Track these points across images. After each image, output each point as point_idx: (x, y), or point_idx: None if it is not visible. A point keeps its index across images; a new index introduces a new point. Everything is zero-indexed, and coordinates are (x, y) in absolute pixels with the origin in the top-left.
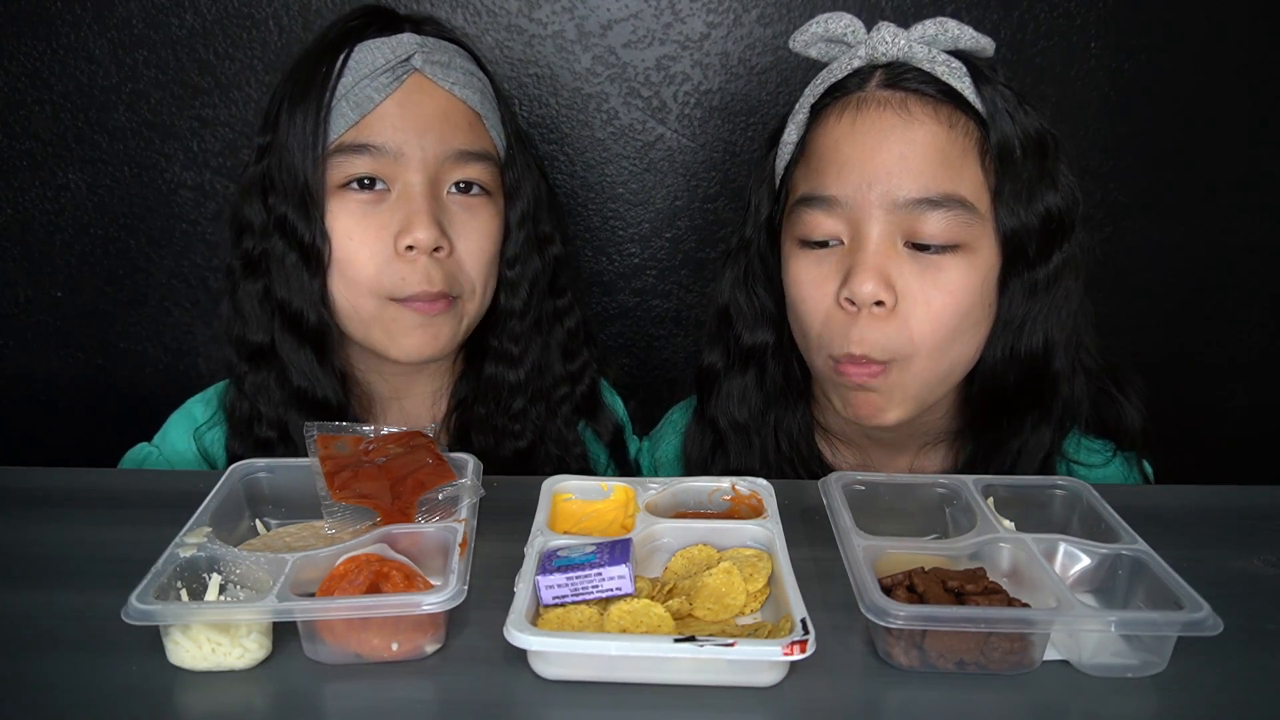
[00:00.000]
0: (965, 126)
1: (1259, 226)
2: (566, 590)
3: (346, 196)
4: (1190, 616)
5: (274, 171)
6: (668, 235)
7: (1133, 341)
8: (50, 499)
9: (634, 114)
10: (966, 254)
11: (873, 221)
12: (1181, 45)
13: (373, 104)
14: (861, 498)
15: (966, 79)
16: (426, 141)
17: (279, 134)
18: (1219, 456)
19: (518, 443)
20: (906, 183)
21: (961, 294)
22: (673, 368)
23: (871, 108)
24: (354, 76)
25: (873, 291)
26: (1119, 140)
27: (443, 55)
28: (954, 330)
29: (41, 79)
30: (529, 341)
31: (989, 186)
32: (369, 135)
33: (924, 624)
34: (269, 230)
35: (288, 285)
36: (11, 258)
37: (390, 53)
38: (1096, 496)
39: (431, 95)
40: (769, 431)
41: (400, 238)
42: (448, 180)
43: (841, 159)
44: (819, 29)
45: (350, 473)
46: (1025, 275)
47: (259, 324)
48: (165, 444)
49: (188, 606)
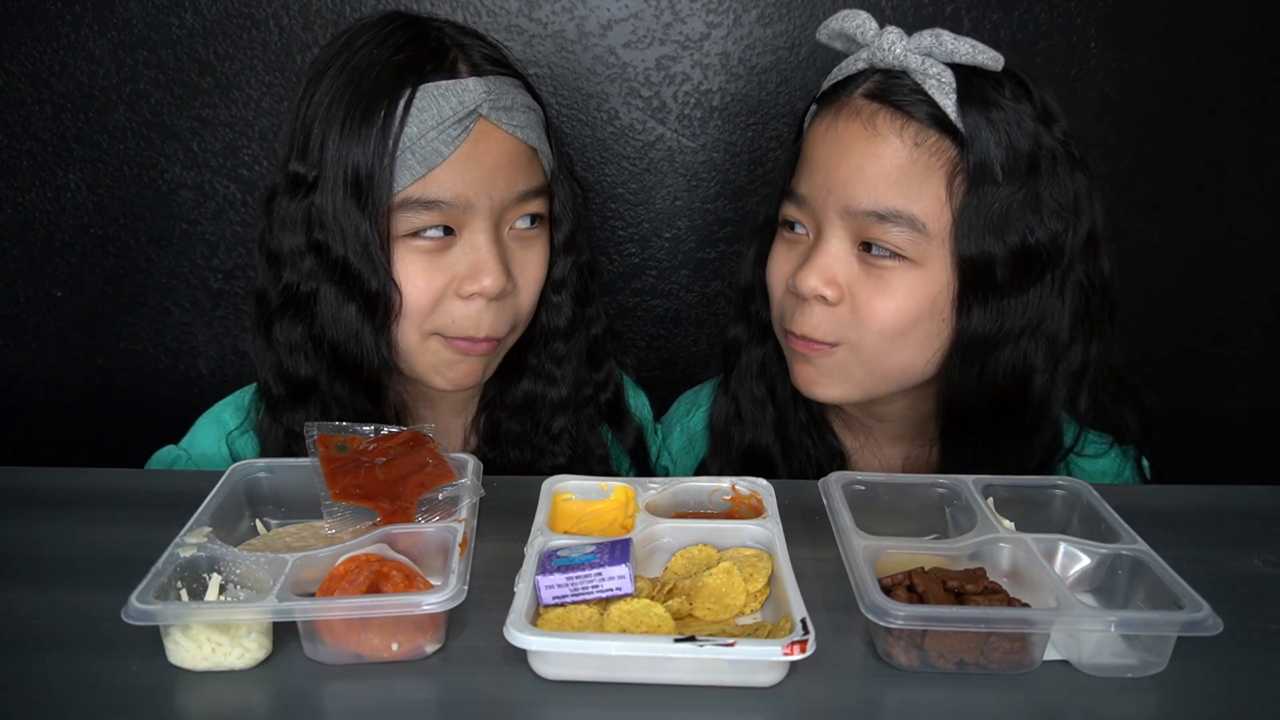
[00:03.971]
0: (935, 146)
1: (1259, 226)
2: (566, 590)
3: (412, 245)
4: (1190, 616)
5: (324, 213)
6: (668, 235)
7: (1133, 341)
8: (50, 499)
9: (634, 114)
10: (915, 268)
11: (829, 224)
12: (1181, 45)
13: (441, 157)
14: (861, 498)
15: (952, 96)
16: (494, 190)
17: (328, 173)
18: (1219, 456)
19: (556, 460)
20: (860, 194)
21: (906, 304)
22: (672, 367)
23: (845, 116)
24: (418, 127)
25: (814, 287)
26: (1119, 140)
27: (506, 99)
28: (898, 335)
29: (41, 79)
30: (570, 360)
31: (953, 208)
32: (437, 190)
33: (924, 624)
34: (318, 271)
35: (342, 328)
36: (11, 258)
37: (458, 102)
38: (1096, 496)
39: (498, 142)
40: (786, 401)
41: (466, 284)
42: (509, 222)
43: (814, 160)
44: (836, 25)
45: (350, 473)
46: (991, 301)
47: (305, 361)
48: (194, 448)
49: (188, 606)
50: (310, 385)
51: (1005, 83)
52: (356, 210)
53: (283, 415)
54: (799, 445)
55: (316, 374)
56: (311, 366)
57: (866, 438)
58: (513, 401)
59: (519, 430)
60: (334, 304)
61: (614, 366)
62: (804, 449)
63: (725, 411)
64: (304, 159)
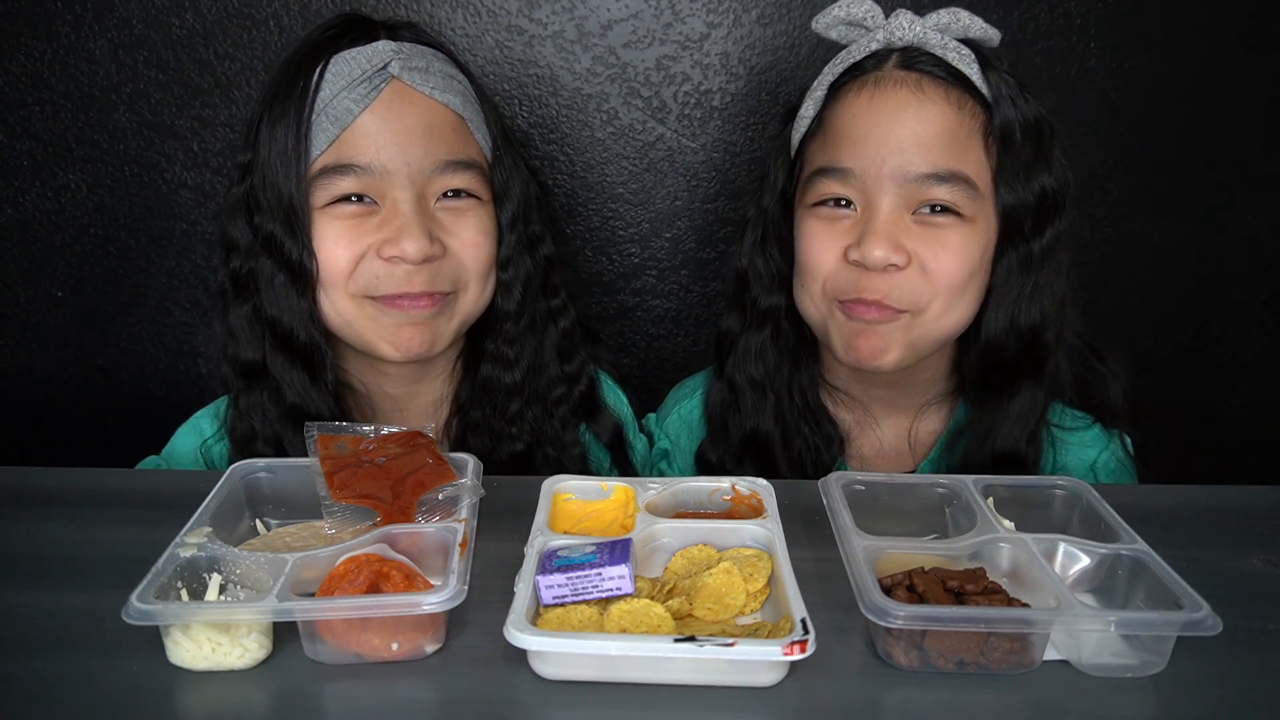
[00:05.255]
0: (972, 109)
1: (1259, 226)
2: (566, 590)
3: (333, 213)
4: (1190, 616)
5: (258, 190)
6: (668, 235)
7: (1133, 341)
8: (50, 499)
9: (634, 114)
10: (968, 224)
11: (884, 193)
12: (1181, 45)
13: (352, 116)
14: (861, 498)
15: (975, 65)
16: (411, 155)
17: (260, 152)
18: (1219, 456)
19: (514, 445)
20: (917, 158)
21: (965, 257)
22: (672, 368)
23: (888, 86)
24: (331, 89)
25: (883, 256)
26: (1119, 140)
27: (420, 60)
28: (960, 291)
29: (41, 79)
30: (523, 343)
31: (990, 166)
32: (352, 154)
33: (924, 624)
34: (256, 249)
35: (277, 304)
36: (11, 258)
37: (366, 62)
38: (1096, 496)
39: (412, 103)
40: (782, 386)
41: (387, 247)
42: (435, 192)
43: (858, 133)
44: (840, 12)
45: (350, 473)
46: (1021, 249)
47: (250, 343)
48: (172, 457)
49: (188, 606)
50: (257, 368)
51: (1003, 57)
52: (279, 182)
53: (240, 402)
54: (797, 430)
55: (263, 354)
56: (258, 348)
57: (864, 413)
58: (475, 388)
59: (478, 417)
60: (269, 279)
61: (586, 360)
62: (802, 433)
63: (721, 399)
64: (246, 148)
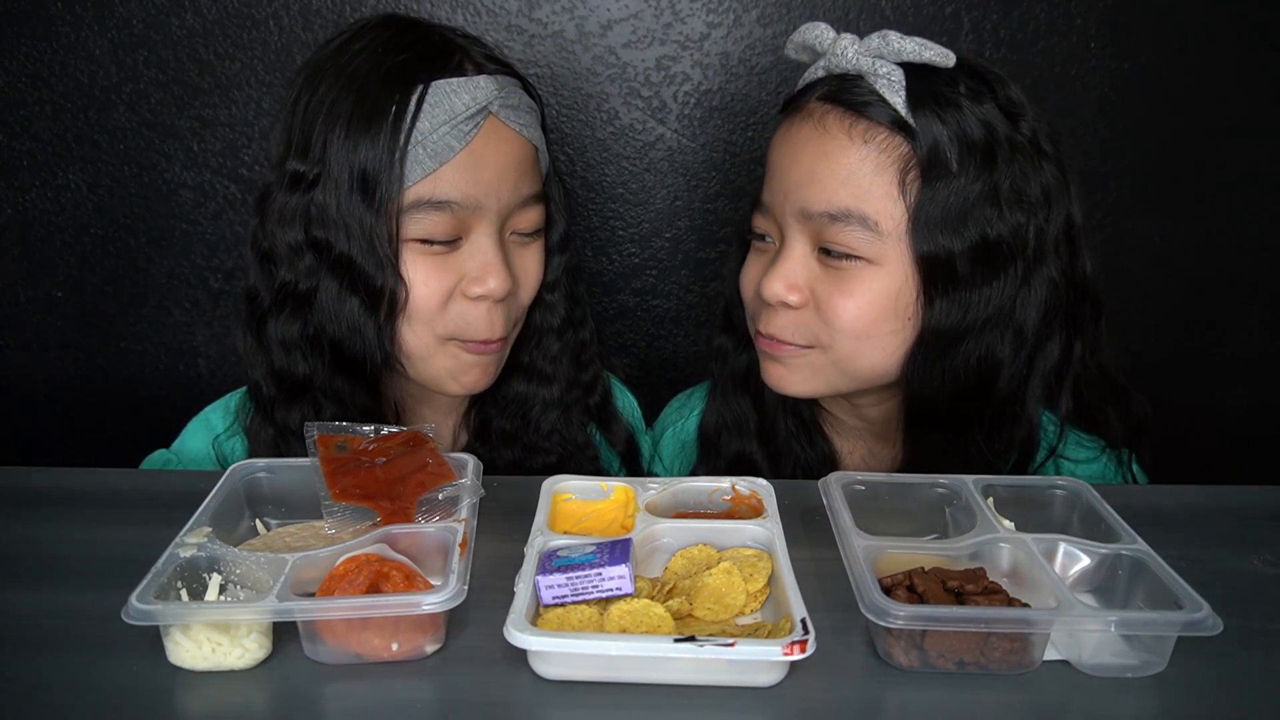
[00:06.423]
0: (885, 142)
1: (1259, 226)
2: (566, 590)
3: (422, 248)
4: (1190, 616)
5: (327, 208)
6: (668, 235)
7: (1133, 341)
8: (50, 499)
9: (634, 114)
10: (873, 267)
11: (789, 229)
12: (1181, 46)
13: (453, 153)
14: (861, 498)
15: (901, 93)
16: (502, 192)
17: (332, 168)
18: (1219, 456)
19: (548, 458)
20: (812, 196)
21: (867, 304)
22: (673, 368)
23: (798, 121)
24: (430, 122)
25: (777, 294)
26: (1119, 140)
27: (514, 98)
28: (864, 335)
29: (41, 79)
30: (562, 359)
31: (907, 204)
32: (448, 191)
33: (924, 624)
34: (318, 267)
35: (342, 324)
36: (11, 258)
37: (470, 99)
38: (1096, 496)
39: (506, 140)
40: (775, 409)
41: (473, 286)
42: (512, 227)
43: (773, 168)
44: (799, 37)
45: (350, 473)
46: (953, 294)
47: (299, 358)
48: (184, 451)
49: (188, 606)
50: (304, 383)
51: (960, 79)
52: (363, 206)
53: (275, 414)
54: (788, 452)
55: (313, 371)
56: (308, 364)
57: (857, 440)
58: (504, 400)
59: (510, 429)
60: (335, 300)
61: (600, 369)
62: (793, 454)
63: (715, 419)
64: (304, 157)
